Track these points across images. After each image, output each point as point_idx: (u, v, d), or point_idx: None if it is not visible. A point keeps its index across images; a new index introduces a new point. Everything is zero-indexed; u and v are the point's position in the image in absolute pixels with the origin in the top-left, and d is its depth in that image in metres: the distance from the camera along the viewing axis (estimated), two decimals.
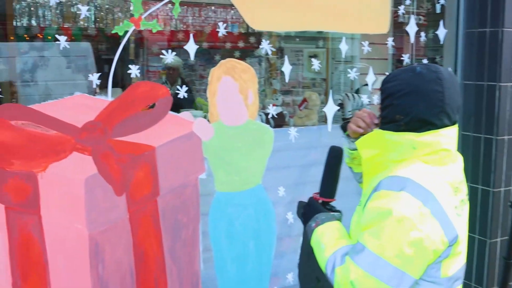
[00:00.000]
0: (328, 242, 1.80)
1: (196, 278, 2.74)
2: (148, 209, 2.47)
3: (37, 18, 5.67)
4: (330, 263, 1.74)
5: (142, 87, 2.44)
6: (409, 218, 1.61)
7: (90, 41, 5.47)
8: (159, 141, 2.46)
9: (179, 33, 6.08)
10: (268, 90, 6.59)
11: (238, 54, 6.19)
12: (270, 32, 6.35)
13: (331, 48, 5.66)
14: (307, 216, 1.95)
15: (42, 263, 2.27)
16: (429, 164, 1.73)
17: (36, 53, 5.11)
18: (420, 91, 1.71)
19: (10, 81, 4.06)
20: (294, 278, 3.06)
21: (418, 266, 1.65)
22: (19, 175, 2.19)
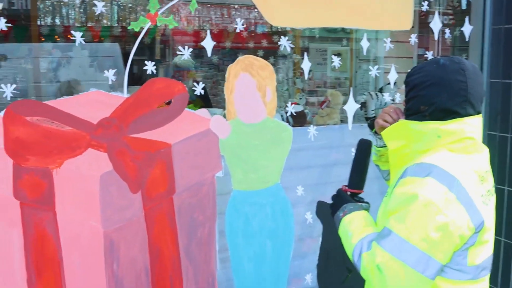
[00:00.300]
0: (355, 229, 1.84)
1: (212, 277, 2.72)
2: (163, 207, 2.47)
3: (61, 17, 5.73)
4: (357, 249, 1.78)
5: (158, 83, 2.43)
6: (434, 203, 1.64)
7: (118, 41, 5.53)
8: (175, 138, 2.45)
9: (204, 33, 6.10)
10: (292, 90, 6.57)
11: (262, 54, 6.17)
12: (294, 31, 6.35)
13: (355, 47, 5.61)
14: (335, 206, 2.00)
15: (56, 260, 2.28)
16: (454, 152, 1.77)
17: (64, 53, 5.19)
18: (443, 81, 1.76)
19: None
20: (312, 279, 3.02)
21: (444, 251, 1.67)
22: (35, 171, 2.20)
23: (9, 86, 2.17)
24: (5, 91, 2.17)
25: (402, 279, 1.65)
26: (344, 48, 5.78)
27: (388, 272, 1.65)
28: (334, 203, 2.02)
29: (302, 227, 2.99)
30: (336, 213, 1.97)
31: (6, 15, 2.08)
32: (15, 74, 5.00)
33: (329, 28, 6.33)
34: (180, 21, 5.79)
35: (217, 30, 5.93)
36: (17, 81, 4.94)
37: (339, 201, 1.99)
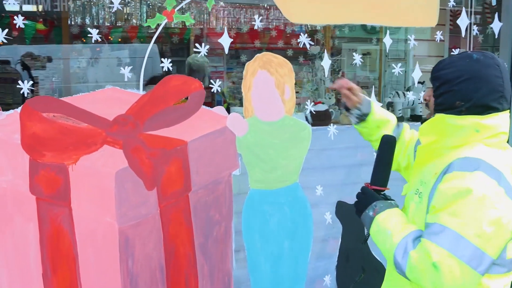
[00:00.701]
0: (394, 227, 1.79)
1: (228, 277, 2.73)
2: (179, 204, 2.48)
3: (97, 19, 5.84)
4: (401, 248, 1.73)
5: (174, 81, 2.45)
6: (488, 197, 1.64)
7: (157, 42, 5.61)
8: (191, 135, 2.46)
9: (239, 35, 6.17)
10: (322, 89, 6.54)
11: (292, 53, 6.17)
12: (326, 31, 6.34)
13: (384, 47, 5.55)
14: (363, 204, 1.92)
15: (72, 255, 2.32)
16: (490, 147, 1.77)
17: (103, 54, 5.28)
18: (481, 76, 1.76)
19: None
20: (331, 280, 3.00)
21: (497, 246, 1.66)
22: (51, 167, 2.24)
23: (26, 82, 2.21)
24: (23, 88, 2.21)
25: (457, 276, 1.62)
26: (374, 47, 5.74)
27: (444, 270, 1.62)
28: (361, 201, 1.94)
29: (322, 227, 2.97)
30: (365, 211, 1.90)
31: (45, 17, 2.14)
32: (56, 75, 5.13)
33: (360, 27, 6.30)
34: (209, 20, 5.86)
35: (246, 31, 5.98)
36: (60, 81, 5.09)
37: (367, 199, 1.92)
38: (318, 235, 2.96)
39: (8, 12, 5.35)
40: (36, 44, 5.40)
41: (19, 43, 5.35)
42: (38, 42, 5.41)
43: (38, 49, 5.40)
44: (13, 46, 5.50)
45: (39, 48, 5.46)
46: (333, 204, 3.05)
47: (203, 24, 6.09)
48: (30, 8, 5.37)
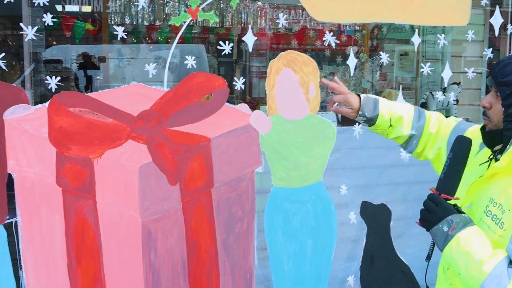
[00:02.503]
0: (482, 253, 1.61)
1: (250, 273, 2.81)
2: (201, 200, 2.57)
3: (136, 19, 6.04)
4: (494, 279, 1.57)
5: (197, 77, 2.55)
6: None
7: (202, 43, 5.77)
8: (214, 132, 2.55)
9: (281, 36, 6.30)
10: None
11: (329, 53, 6.25)
12: (364, 32, 6.40)
13: (422, 47, 5.57)
14: (435, 217, 1.70)
15: (96, 247, 2.44)
16: None
17: (151, 54, 5.45)
18: None
19: None
20: (355, 281, 3.05)
21: None
22: (76, 160, 2.37)
23: (54, 78, 2.35)
24: (50, 83, 2.35)
25: None
26: (411, 47, 5.75)
27: None
28: (432, 213, 1.71)
29: (345, 227, 3.02)
30: (437, 225, 1.68)
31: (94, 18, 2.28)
32: (110, 74, 5.33)
33: (396, 27, 6.33)
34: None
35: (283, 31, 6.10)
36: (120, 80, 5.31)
37: (440, 212, 1.69)
38: (343, 236, 3.01)
39: (59, 12, 5.62)
40: (86, 44, 5.65)
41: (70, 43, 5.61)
42: (89, 42, 5.66)
43: (88, 49, 5.64)
44: (65, 46, 5.76)
45: (89, 48, 5.70)
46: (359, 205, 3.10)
47: (242, 24, 6.24)
48: (77, 8, 5.62)
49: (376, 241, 3.06)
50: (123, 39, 5.52)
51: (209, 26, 6.38)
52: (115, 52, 5.75)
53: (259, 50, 6.66)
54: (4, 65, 2.27)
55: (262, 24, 6.43)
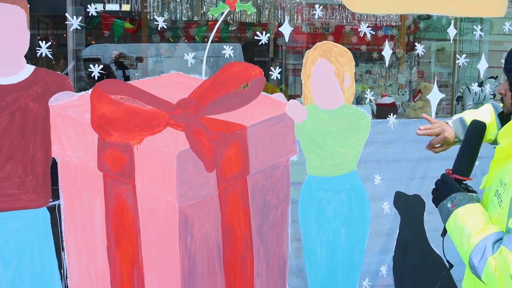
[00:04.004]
0: (473, 227, 1.74)
1: (284, 261, 2.91)
2: (237, 187, 2.68)
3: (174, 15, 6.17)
4: (479, 251, 1.69)
5: (235, 67, 2.65)
6: None
7: (239, 42, 5.89)
8: (250, 121, 2.65)
9: (317, 35, 6.40)
10: (395, 85, 6.64)
11: (365, 48, 6.33)
12: (399, 27, 6.45)
13: (459, 40, 5.59)
14: (441, 193, 1.88)
15: (134, 230, 2.57)
16: None
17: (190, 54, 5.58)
18: None
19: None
20: (388, 271, 3.12)
21: None
22: (117, 146, 2.49)
23: (97, 66, 2.48)
24: (94, 71, 2.49)
25: None
26: (447, 42, 5.77)
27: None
28: (440, 190, 1.89)
29: (378, 218, 3.10)
30: (443, 202, 1.85)
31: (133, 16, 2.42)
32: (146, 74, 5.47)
33: (435, 26, 6.37)
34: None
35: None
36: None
37: (446, 189, 1.86)
38: (377, 228, 3.09)
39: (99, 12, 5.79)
40: (125, 43, 5.81)
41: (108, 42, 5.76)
42: (127, 41, 5.82)
43: (126, 47, 5.79)
44: (103, 45, 5.93)
45: (127, 47, 5.85)
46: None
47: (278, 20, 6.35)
48: (117, 7, 5.77)
49: (409, 231, 3.13)
50: (162, 37, 5.66)
51: (246, 23, 6.48)
52: (153, 50, 5.90)
53: (295, 48, 6.75)
54: (50, 53, 2.41)
55: (298, 21, 6.53)
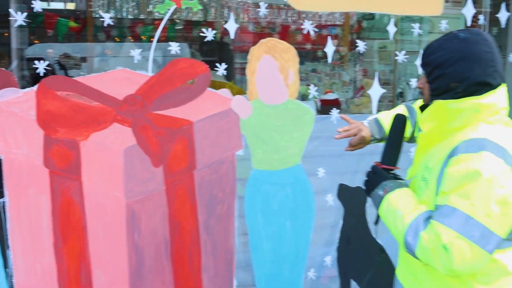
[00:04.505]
0: (405, 208, 1.86)
1: (231, 254, 2.98)
2: (184, 182, 2.73)
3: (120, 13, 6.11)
4: (412, 228, 1.81)
5: (181, 63, 2.70)
6: (496, 177, 1.72)
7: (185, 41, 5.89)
8: (197, 116, 2.71)
9: (264, 35, 6.47)
10: (339, 83, 6.80)
11: (310, 47, 6.44)
12: (343, 25, 6.62)
13: (400, 39, 5.78)
14: (372, 183, 2.01)
15: (81, 227, 2.59)
16: (493, 124, 1.85)
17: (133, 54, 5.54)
18: (471, 54, 1.84)
19: None
20: (332, 261, 3.23)
21: (504, 224, 1.75)
22: (63, 142, 2.51)
23: (42, 62, 2.48)
24: (39, 67, 2.49)
25: (467, 257, 1.71)
26: (389, 41, 5.96)
27: (454, 251, 1.70)
28: (371, 180, 2.02)
29: (322, 209, 3.20)
30: (375, 190, 1.98)
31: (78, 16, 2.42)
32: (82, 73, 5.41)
33: (378, 27, 6.57)
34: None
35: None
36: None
37: (377, 178, 2.00)
38: (322, 222, 3.19)
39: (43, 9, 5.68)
40: (69, 42, 5.72)
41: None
42: (71, 40, 5.73)
43: (71, 47, 5.71)
44: (47, 44, 5.83)
45: (71, 46, 5.77)
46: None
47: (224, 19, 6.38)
48: (61, 5, 5.67)
49: (352, 222, 3.25)
50: (108, 36, 5.60)
51: (192, 22, 6.49)
52: (99, 49, 5.84)
53: (241, 47, 6.82)
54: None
55: (244, 19, 6.59)
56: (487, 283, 1.86)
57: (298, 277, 3.16)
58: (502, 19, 3.50)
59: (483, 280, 1.85)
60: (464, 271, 1.75)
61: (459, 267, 1.73)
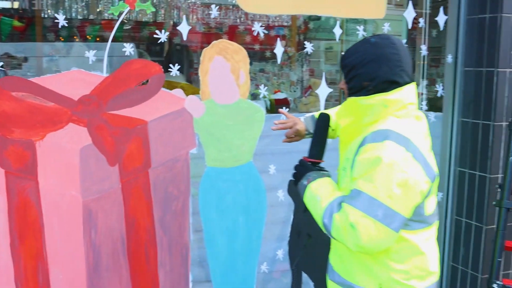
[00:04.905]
0: (323, 194, 2.09)
1: (186, 250, 3.05)
2: (139, 180, 2.80)
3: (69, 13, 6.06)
4: (328, 211, 2.03)
5: (135, 64, 2.76)
6: (397, 162, 1.95)
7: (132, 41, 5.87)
8: (151, 116, 2.77)
9: (212, 35, 6.54)
10: (286, 83, 6.93)
11: (258, 47, 6.55)
12: (291, 27, 6.75)
13: (345, 40, 5.95)
14: (299, 175, 2.23)
15: (38, 226, 2.61)
16: (400, 118, 2.08)
17: (78, 53, 5.47)
18: (380, 56, 2.07)
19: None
20: (284, 255, 3.34)
21: (407, 205, 1.98)
22: (19, 142, 2.53)
23: None
24: None
25: (373, 234, 1.93)
26: (335, 42, 6.12)
27: (360, 228, 1.92)
28: (297, 172, 2.24)
29: (274, 205, 3.30)
30: (300, 181, 2.20)
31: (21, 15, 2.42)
32: (29, 73, 5.34)
33: (324, 27, 6.74)
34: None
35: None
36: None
37: (303, 170, 2.22)
38: (273, 218, 3.30)
39: None
40: (13, 41, 5.63)
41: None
42: (14, 40, 5.64)
43: (14, 46, 5.61)
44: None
45: (15, 46, 5.67)
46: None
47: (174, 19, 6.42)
48: (7, 4, 5.58)
49: (302, 216, 3.35)
50: (55, 36, 5.54)
51: (141, 22, 6.51)
52: (45, 49, 5.78)
53: (190, 48, 6.87)
54: None
55: (193, 20, 6.65)
56: (401, 261, 2.10)
57: (251, 271, 3.27)
58: (440, 22, 3.70)
59: (396, 259, 2.09)
60: (372, 247, 1.97)
61: (366, 244, 1.94)
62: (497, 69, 3.52)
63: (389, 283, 2.11)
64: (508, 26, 3.51)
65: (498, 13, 3.50)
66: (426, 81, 4.41)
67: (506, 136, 3.54)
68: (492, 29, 3.54)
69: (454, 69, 3.77)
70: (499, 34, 3.51)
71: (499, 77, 3.53)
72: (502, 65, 3.53)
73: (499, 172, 3.60)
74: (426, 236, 2.16)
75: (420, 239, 2.13)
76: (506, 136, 3.54)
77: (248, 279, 3.27)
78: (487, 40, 3.57)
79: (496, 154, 3.58)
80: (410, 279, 2.12)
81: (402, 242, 2.07)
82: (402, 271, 2.11)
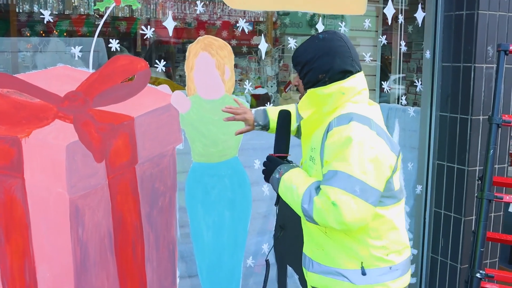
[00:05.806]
0: (298, 182, 2.15)
1: (173, 245, 3.02)
2: (126, 176, 2.76)
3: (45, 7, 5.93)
4: (307, 196, 2.09)
5: (121, 60, 2.71)
6: (365, 140, 2.06)
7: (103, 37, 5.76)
8: (137, 112, 2.74)
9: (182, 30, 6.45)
10: (263, 78, 6.90)
11: (235, 43, 6.49)
12: (267, 22, 6.70)
13: None
14: (269, 170, 2.28)
15: (24, 223, 2.56)
16: (358, 103, 2.19)
17: (48, 48, 5.36)
18: (330, 50, 2.18)
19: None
20: (269, 248, 3.33)
21: (380, 179, 2.08)
22: (4, 139, 2.46)
23: None
24: None
25: (354, 208, 1.99)
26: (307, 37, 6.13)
27: (342, 205, 1.98)
28: (267, 168, 2.29)
29: (260, 201, 3.30)
30: (272, 175, 2.25)
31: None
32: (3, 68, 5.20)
33: (294, 22, 6.73)
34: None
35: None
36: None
37: (272, 165, 2.27)
38: (255, 211, 3.29)
39: None
40: None
41: None
42: None
43: None
44: None
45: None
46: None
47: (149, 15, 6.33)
48: None
49: (286, 210, 3.35)
50: (30, 30, 5.41)
51: (111, 17, 6.40)
52: (20, 44, 5.65)
53: (161, 43, 6.79)
54: None
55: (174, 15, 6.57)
56: (379, 238, 2.19)
57: (237, 265, 3.25)
58: (418, 18, 3.72)
59: (374, 236, 2.18)
60: (354, 223, 2.02)
61: (349, 220, 2.00)
62: (474, 64, 3.55)
63: (370, 260, 2.19)
64: (484, 22, 3.54)
65: (474, 10, 3.53)
66: (402, 75, 4.44)
67: (484, 129, 3.58)
68: (469, 25, 3.57)
69: (432, 64, 3.79)
70: (476, 30, 3.54)
71: (476, 72, 3.56)
72: (479, 60, 3.56)
73: (477, 165, 3.63)
74: (397, 211, 2.26)
75: (393, 214, 2.22)
76: (484, 130, 3.58)
77: (234, 273, 3.25)
78: (464, 36, 3.60)
79: (474, 148, 3.61)
80: (389, 254, 2.21)
81: (378, 219, 2.16)
82: (381, 247, 2.19)
